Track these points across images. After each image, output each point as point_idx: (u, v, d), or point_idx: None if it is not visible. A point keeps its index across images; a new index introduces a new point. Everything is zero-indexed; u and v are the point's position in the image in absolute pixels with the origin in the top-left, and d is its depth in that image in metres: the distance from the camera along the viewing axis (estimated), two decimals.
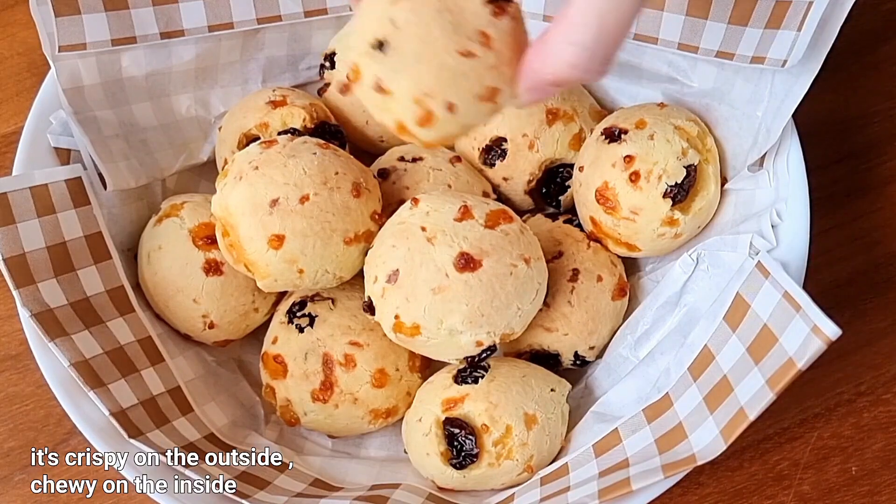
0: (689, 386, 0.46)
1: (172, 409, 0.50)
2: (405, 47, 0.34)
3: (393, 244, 0.49)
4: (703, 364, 0.46)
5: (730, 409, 0.43)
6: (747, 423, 0.41)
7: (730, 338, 0.45)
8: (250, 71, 0.61)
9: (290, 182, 0.49)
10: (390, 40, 0.34)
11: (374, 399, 0.53)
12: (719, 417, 0.43)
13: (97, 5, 0.53)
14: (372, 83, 0.36)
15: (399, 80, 0.35)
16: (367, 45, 0.35)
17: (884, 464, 0.54)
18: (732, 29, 0.52)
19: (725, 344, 0.45)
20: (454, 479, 0.50)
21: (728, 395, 0.43)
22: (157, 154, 0.58)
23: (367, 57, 0.35)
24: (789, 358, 0.40)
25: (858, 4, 0.48)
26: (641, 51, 0.57)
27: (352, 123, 0.61)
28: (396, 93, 0.35)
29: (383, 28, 0.34)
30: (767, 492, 0.54)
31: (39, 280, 0.48)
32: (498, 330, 0.49)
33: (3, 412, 0.56)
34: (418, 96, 0.35)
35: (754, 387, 0.42)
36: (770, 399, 0.40)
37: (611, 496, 0.44)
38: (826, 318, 0.39)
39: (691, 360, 0.47)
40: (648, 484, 0.43)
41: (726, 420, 0.43)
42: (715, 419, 0.43)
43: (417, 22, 0.34)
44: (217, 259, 0.54)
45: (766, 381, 0.41)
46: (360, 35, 0.35)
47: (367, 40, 0.35)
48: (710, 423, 0.44)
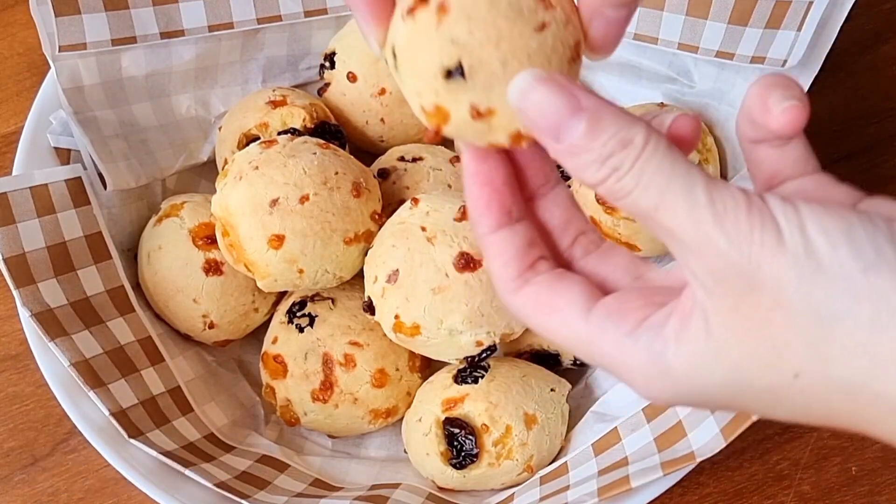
0: None
1: (172, 408, 0.50)
2: (483, 58, 0.30)
3: (393, 244, 0.49)
4: None
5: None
6: (749, 422, 0.41)
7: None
8: (250, 71, 0.61)
9: (290, 182, 0.49)
10: (464, 60, 0.30)
11: (374, 399, 0.53)
12: (720, 416, 0.43)
13: (97, 5, 0.53)
14: (467, 114, 0.31)
15: (497, 94, 0.30)
16: (441, 80, 0.30)
17: (884, 464, 0.54)
18: (732, 29, 0.52)
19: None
20: (454, 478, 0.50)
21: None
22: (157, 154, 0.58)
23: (448, 92, 0.30)
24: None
25: (858, 4, 0.48)
26: (641, 51, 0.57)
27: (352, 123, 0.61)
28: (500, 107, 0.31)
29: (447, 52, 0.30)
30: (767, 492, 0.54)
31: (39, 280, 0.48)
32: (498, 330, 0.49)
33: (3, 412, 0.56)
34: None
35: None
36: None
37: (610, 494, 0.44)
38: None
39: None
40: (648, 481, 0.43)
41: (727, 419, 0.43)
42: (715, 417, 0.43)
43: (481, 27, 0.30)
44: (217, 259, 0.54)
45: None
46: (420, 75, 0.31)
47: (435, 74, 0.30)
48: (710, 422, 0.44)
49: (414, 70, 0.31)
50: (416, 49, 0.30)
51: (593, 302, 0.30)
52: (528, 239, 0.32)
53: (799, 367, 0.26)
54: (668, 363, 0.28)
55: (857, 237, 0.25)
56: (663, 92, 0.58)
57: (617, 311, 0.29)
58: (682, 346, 0.27)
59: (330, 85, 0.61)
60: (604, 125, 0.27)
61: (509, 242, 0.32)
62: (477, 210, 0.32)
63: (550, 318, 0.31)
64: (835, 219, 0.25)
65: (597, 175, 0.27)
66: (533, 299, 0.32)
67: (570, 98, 0.28)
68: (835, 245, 0.25)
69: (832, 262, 0.25)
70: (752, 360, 0.26)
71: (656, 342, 0.28)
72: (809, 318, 0.25)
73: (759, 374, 0.26)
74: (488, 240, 0.32)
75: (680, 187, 0.26)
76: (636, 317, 0.29)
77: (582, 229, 0.34)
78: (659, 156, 0.27)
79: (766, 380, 0.27)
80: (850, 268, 0.25)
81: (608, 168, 0.27)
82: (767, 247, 0.25)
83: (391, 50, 0.31)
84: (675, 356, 0.28)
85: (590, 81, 0.62)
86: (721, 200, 0.26)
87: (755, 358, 0.26)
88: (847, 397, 0.26)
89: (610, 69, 0.60)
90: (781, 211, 0.26)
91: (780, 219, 0.25)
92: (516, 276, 0.32)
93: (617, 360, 0.29)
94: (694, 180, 0.26)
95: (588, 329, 0.30)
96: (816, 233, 0.25)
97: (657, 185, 0.26)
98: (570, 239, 0.34)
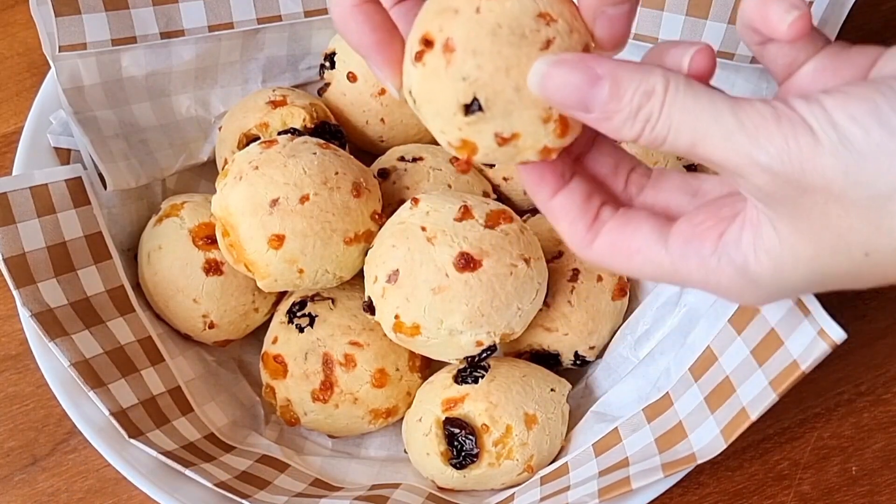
0: (690, 386, 0.46)
1: (172, 408, 0.50)
2: (497, 88, 0.31)
3: (393, 244, 0.49)
4: (705, 365, 0.46)
5: (731, 409, 0.43)
6: (749, 423, 0.41)
7: (734, 340, 0.45)
8: (250, 71, 0.61)
9: (290, 182, 0.49)
10: (479, 94, 0.31)
11: (374, 399, 0.53)
12: (720, 417, 0.43)
13: (97, 5, 0.53)
14: (493, 142, 0.32)
15: (517, 118, 0.31)
16: (461, 116, 0.31)
17: (884, 464, 0.54)
18: (732, 29, 0.52)
19: (730, 345, 0.45)
20: (454, 478, 0.50)
21: (730, 396, 0.43)
22: (157, 154, 0.58)
23: (470, 126, 0.32)
24: (793, 360, 0.40)
25: (858, 4, 0.48)
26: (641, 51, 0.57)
27: (352, 123, 0.61)
28: (522, 130, 0.32)
29: (461, 89, 0.31)
30: (767, 492, 0.54)
31: (39, 280, 0.48)
32: (498, 330, 0.49)
33: (3, 412, 0.56)
34: (543, 116, 0.32)
35: (757, 388, 0.42)
36: (772, 400, 0.40)
37: (610, 495, 0.44)
38: (833, 323, 0.39)
39: (692, 360, 0.47)
40: (648, 483, 0.43)
41: (727, 420, 0.43)
42: (716, 418, 0.43)
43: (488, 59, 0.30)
44: (217, 259, 0.54)
45: (768, 383, 0.41)
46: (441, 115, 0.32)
47: (454, 112, 0.31)
48: (710, 423, 0.44)
49: (434, 111, 0.32)
50: (432, 92, 0.31)
51: (666, 232, 0.32)
52: (585, 193, 0.34)
53: (868, 246, 0.28)
54: (753, 272, 0.30)
55: (885, 116, 0.26)
56: None
57: (694, 236, 0.32)
58: (761, 255, 0.29)
59: (330, 85, 0.61)
60: (624, 84, 0.29)
61: (570, 202, 0.34)
62: (532, 182, 0.34)
63: (633, 260, 0.33)
64: (860, 103, 0.27)
65: (633, 131, 0.29)
66: (609, 248, 0.33)
67: (586, 70, 0.29)
68: (867, 129, 0.26)
69: (868, 144, 0.26)
70: (825, 253, 0.28)
71: (737, 256, 0.30)
72: (864, 202, 0.27)
73: (834, 262, 0.28)
74: (550, 205, 0.34)
75: (709, 119, 0.27)
76: (712, 236, 0.31)
77: (631, 166, 0.36)
78: (681, 96, 0.28)
79: (842, 266, 0.28)
80: (886, 145, 0.26)
81: (641, 122, 0.29)
82: (805, 150, 0.27)
83: (409, 93, 0.32)
84: (756, 264, 0.30)
85: None
86: (750, 120, 0.27)
87: (827, 250, 0.28)
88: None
89: None
90: (808, 111, 0.27)
91: (809, 119, 0.27)
92: (586, 232, 0.34)
93: (707, 281, 0.31)
94: (720, 109, 0.27)
95: (671, 259, 0.32)
96: (847, 122, 0.26)
97: (688, 124, 0.28)
98: (622, 181, 0.36)
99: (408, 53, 0.32)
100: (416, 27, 0.32)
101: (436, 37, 0.31)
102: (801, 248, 0.29)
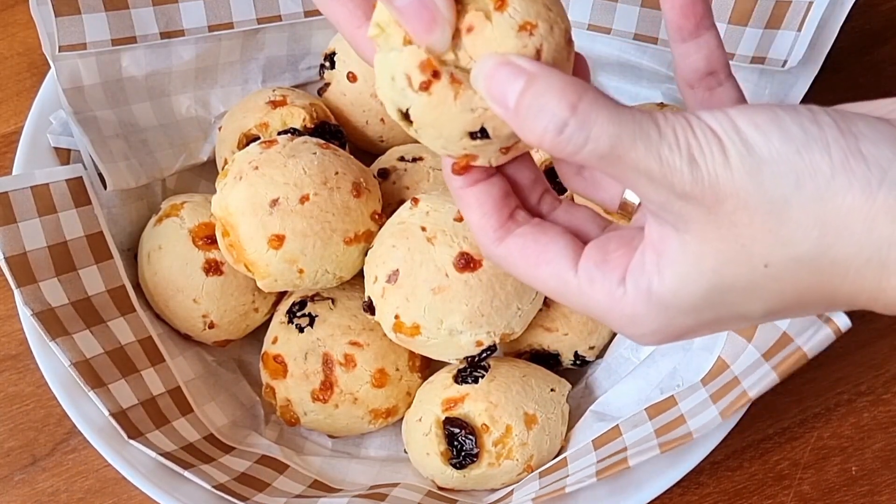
0: (698, 389, 0.47)
1: (172, 409, 0.50)
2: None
3: (393, 244, 0.49)
4: (716, 373, 0.46)
5: (732, 395, 0.43)
6: (747, 400, 0.41)
7: (746, 348, 0.45)
8: (250, 71, 0.61)
9: (290, 182, 0.49)
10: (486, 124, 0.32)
11: (374, 399, 0.53)
12: (721, 404, 0.43)
13: (97, 5, 0.53)
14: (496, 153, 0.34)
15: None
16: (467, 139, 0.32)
17: (884, 464, 0.54)
18: (732, 29, 0.52)
19: (742, 354, 0.45)
20: (454, 478, 0.50)
21: (734, 388, 0.43)
22: (157, 154, 0.58)
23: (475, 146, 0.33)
24: (797, 346, 0.40)
25: (858, 4, 0.48)
26: (641, 51, 0.57)
27: (352, 123, 0.61)
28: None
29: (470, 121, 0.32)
30: (767, 492, 0.54)
31: (41, 279, 0.48)
32: (498, 330, 0.49)
33: (3, 412, 0.56)
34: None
35: (759, 374, 0.42)
36: (773, 380, 0.40)
37: (608, 474, 0.43)
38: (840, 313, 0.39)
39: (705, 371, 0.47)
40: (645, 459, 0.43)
41: (727, 403, 0.43)
42: (717, 406, 0.44)
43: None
44: (217, 259, 0.54)
45: (771, 367, 0.41)
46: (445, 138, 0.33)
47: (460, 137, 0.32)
48: (711, 410, 0.44)
49: (437, 134, 0.33)
50: (438, 119, 0.32)
51: (579, 253, 0.33)
52: (504, 190, 0.35)
53: (767, 257, 0.28)
54: (655, 292, 0.30)
55: (784, 124, 0.27)
56: (663, 92, 0.58)
57: (604, 263, 0.32)
58: (665, 272, 0.30)
59: (330, 85, 0.61)
60: (541, 83, 0.29)
61: (487, 194, 0.34)
62: (455, 174, 0.34)
63: (539, 269, 0.33)
64: (762, 112, 0.28)
65: (548, 135, 0.29)
66: (520, 251, 0.34)
67: (513, 67, 0.30)
68: (767, 135, 0.27)
69: (770, 151, 0.27)
70: (728, 264, 0.29)
71: (642, 280, 0.31)
72: (765, 208, 0.28)
73: (737, 273, 0.29)
74: (466, 192, 0.34)
75: (632, 131, 0.28)
76: (621, 263, 0.31)
77: (546, 188, 0.37)
78: (605, 108, 0.28)
79: (743, 277, 0.29)
80: (785, 152, 0.27)
81: (556, 126, 0.28)
82: (717, 158, 0.27)
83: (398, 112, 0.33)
84: (660, 284, 0.30)
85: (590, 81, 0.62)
86: (671, 131, 0.28)
87: (730, 261, 0.29)
88: (811, 272, 0.28)
89: (610, 69, 0.60)
90: (716, 121, 0.28)
91: (716, 129, 0.28)
92: (498, 227, 0.34)
93: (608, 308, 0.32)
94: (642, 121, 0.28)
95: (578, 281, 0.32)
96: (750, 129, 0.28)
97: (609, 134, 0.28)
98: (537, 196, 0.36)
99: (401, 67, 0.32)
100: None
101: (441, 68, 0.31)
102: (705, 256, 0.29)
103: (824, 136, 0.27)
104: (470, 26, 0.31)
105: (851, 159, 0.27)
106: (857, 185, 0.27)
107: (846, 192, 0.27)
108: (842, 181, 0.27)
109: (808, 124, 0.28)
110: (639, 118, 0.28)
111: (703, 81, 0.35)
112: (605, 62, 0.59)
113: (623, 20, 0.56)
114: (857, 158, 0.27)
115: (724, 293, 0.30)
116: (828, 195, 0.27)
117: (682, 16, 0.34)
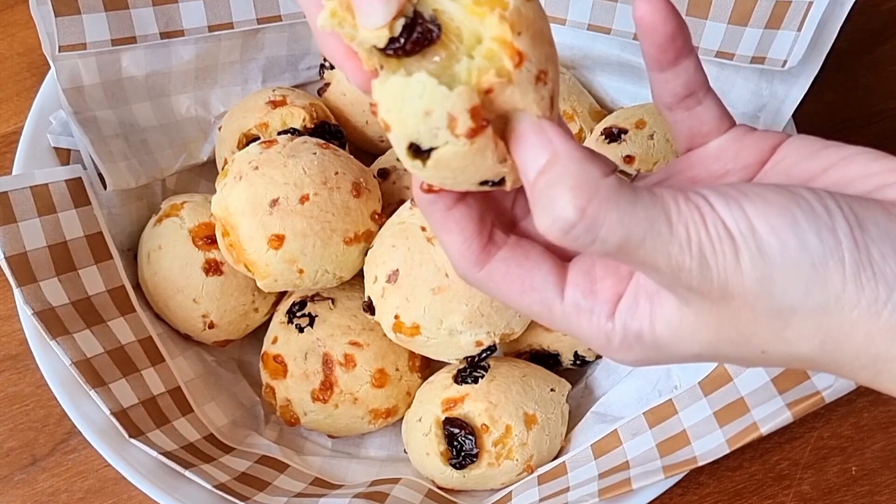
0: (699, 399, 0.47)
1: (172, 409, 0.50)
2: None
3: (393, 244, 0.49)
4: (717, 383, 0.46)
5: (742, 423, 0.43)
6: (757, 434, 0.41)
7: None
8: (250, 71, 0.61)
9: (290, 182, 0.49)
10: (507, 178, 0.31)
11: (374, 399, 0.53)
12: (729, 430, 0.43)
13: (97, 5, 0.53)
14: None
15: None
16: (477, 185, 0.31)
17: (884, 464, 0.54)
18: (732, 29, 0.52)
19: (745, 370, 0.45)
20: (454, 478, 0.50)
21: (743, 414, 0.43)
22: (157, 154, 0.58)
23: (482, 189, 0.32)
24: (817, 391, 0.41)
25: (858, 4, 0.48)
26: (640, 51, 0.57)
27: (352, 123, 0.61)
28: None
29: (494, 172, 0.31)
30: (767, 492, 0.54)
31: (41, 279, 0.48)
32: (498, 330, 0.49)
33: (3, 412, 0.56)
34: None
35: (772, 408, 0.42)
36: (786, 419, 0.41)
37: (611, 495, 0.44)
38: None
39: (704, 375, 0.47)
40: (649, 483, 0.43)
41: (735, 432, 0.43)
42: (724, 431, 0.44)
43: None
44: (217, 259, 0.54)
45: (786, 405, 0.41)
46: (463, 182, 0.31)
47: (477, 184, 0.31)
48: (717, 434, 0.44)
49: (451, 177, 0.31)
50: (466, 168, 0.30)
51: (562, 276, 0.32)
52: (480, 210, 0.33)
53: (765, 347, 0.29)
54: (646, 336, 0.30)
55: (801, 230, 0.27)
56: None
57: (591, 292, 0.32)
58: (657, 324, 0.30)
59: (330, 85, 0.61)
60: (557, 170, 0.28)
61: (468, 217, 0.33)
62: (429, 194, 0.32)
63: (524, 296, 0.32)
64: (780, 214, 0.27)
65: (554, 231, 0.28)
66: (503, 277, 0.33)
67: (543, 137, 0.29)
68: (784, 242, 0.27)
69: (784, 258, 0.27)
70: (724, 340, 0.29)
71: (632, 323, 0.30)
72: (772, 313, 0.28)
73: (732, 350, 0.30)
74: (446, 216, 0.33)
75: (643, 230, 0.27)
76: (609, 298, 0.31)
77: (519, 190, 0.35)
78: (615, 208, 0.27)
79: (737, 354, 0.30)
80: (800, 263, 0.27)
81: (562, 227, 0.27)
82: (729, 259, 0.27)
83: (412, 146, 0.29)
84: (651, 332, 0.30)
85: (590, 81, 0.62)
86: (683, 229, 0.27)
87: (727, 339, 0.29)
88: (808, 365, 0.30)
89: (610, 69, 0.60)
90: (731, 216, 0.27)
91: (731, 226, 0.27)
92: (479, 252, 0.33)
93: (594, 336, 0.32)
94: (654, 218, 0.27)
95: (564, 308, 0.32)
96: (765, 231, 0.27)
97: (619, 236, 0.27)
98: (510, 200, 0.35)
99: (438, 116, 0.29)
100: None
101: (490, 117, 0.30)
102: (702, 331, 0.29)
103: (840, 249, 0.27)
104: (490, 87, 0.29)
105: (863, 274, 0.27)
106: (865, 302, 0.27)
107: (853, 307, 0.27)
108: (851, 297, 0.27)
109: (826, 234, 0.27)
110: (651, 215, 0.27)
111: (682, 103, 0.34)
112: (605, 62, 0.59)
113: (623, 20, 0.56)
114: (868, 273, 0.27)
115: (716, 357, 0.31)
116: (835, 308, 0.27)
117: (661, 52, 0.33)
